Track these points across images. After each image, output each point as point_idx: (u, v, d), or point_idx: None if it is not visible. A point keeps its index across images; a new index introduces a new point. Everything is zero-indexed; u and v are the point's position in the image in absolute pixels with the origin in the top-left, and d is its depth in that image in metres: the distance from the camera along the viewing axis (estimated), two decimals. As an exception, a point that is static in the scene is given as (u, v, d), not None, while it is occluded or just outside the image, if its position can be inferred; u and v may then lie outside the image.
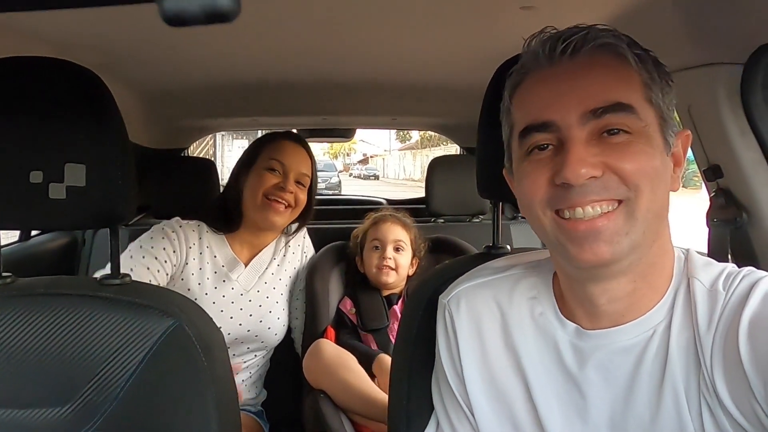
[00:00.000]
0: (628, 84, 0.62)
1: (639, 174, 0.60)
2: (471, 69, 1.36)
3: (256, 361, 1.57)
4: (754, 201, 0.92)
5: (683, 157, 0.67)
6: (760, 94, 0.89)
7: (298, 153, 1.52)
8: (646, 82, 0.63)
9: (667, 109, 0.64)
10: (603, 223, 0.60)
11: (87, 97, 0.78)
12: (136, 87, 1.62)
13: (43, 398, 0.77)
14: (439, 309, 0.80)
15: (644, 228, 0.61)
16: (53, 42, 1.11)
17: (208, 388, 0.78)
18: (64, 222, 0.83)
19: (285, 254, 1.62)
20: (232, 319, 1.47)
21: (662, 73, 0.65)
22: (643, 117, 0.61)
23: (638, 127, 0.61)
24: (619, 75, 0.62)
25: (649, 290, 0.65)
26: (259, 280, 1.54)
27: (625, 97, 0.61)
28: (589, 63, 0.62)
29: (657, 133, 0.63)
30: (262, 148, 1.52)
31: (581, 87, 0.61)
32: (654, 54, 0.65)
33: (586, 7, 0.96)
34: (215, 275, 1.48)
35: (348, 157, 42.12)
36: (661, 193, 0.62)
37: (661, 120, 0.63)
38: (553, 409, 0.68)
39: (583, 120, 0.61)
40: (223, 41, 1.18)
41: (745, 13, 0.79)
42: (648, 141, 0.61)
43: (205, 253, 1.48)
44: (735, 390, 0.58)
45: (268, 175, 1.48)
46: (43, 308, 0.79)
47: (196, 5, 0.24)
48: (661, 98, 0.64)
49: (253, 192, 1.48)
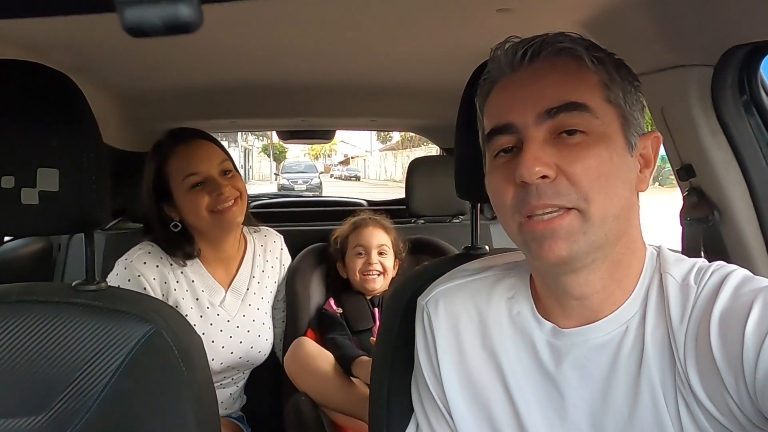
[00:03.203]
0: (584, 85, 0.64)
1: (590, 178, 0.61)
2: (449, 70, 1.37)
3: (244, 375, 1.55)
4: (725, 199, 0.95)
5: (654, 159, 0.67)
6: (730, 95, 0.91)
7: (205, 150, 1.38)
8: (605, 82, 0.64)
9: (629, 109, 0.65)
10: (559, 223, 0.61)
11: (59, 100, 0.77)
12: (111, 89, 1.60)
13: (16, 407, 0.75)
14: (418, 311, 0.80)
15: (603, 230, 0.62)
16: (23, 44, 1.08)
17: (187, 393, 0.77)
18: (38, 227, 0.81)
19: (264, 270, 1.58)
20: (224, 349, 1.42)
21: (625, 74, 0.66)
22: (600, 116, 0.63)
23: (594, 127, 0.62)
24: (576, 77, 0.64)
25: (618, 287, 0.66)
26: (243, 303, 1.49)
27: (580, 97, 0.63)
28: (548, 67, 0.65)
29: (617, 133, 0.63)
30: (166, 168, 1.36)
31: (539, 89, 0.64)
32: (618, 57, 0.67)
33: (561, 11, 0.97)
34: (197, 303, 1.41)
35: (329, 158, 42.03)
36: (620, 195, 0.62)
37: (623, 120, 0.64)
38: (532, 409, 0.69)
39: (539, 120, 0.63)
40: (199, 43, 1.17)
41: (715, 16, 0.81)
42: (606, 141, 0.62)
43: (182, 282, 1.40)
44: (708, 383, 0.59)
45: (196, 195, 1.34)
46: (16, 316, 0.77)
47: (156, 17, 0.24)
48: (623, 98, 0.65)
49: (195, 216, 1.35)
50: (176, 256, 1.40)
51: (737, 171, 0.93)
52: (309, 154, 35.56)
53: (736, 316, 0.58)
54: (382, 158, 34.13)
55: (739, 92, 0.92)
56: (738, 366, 0.56)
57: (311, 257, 1.74)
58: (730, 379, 0.57)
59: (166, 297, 1.37)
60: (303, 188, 17.50)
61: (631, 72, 0.67)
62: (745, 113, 0.92)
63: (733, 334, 0.57)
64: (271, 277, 1.60)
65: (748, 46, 0.84)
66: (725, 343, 0.58)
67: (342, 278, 1.70)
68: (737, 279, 0.62)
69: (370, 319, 1.61)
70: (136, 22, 0.25)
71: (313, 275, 1.72)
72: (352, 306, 1.63)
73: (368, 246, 1.64)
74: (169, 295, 1.38)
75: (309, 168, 22.46)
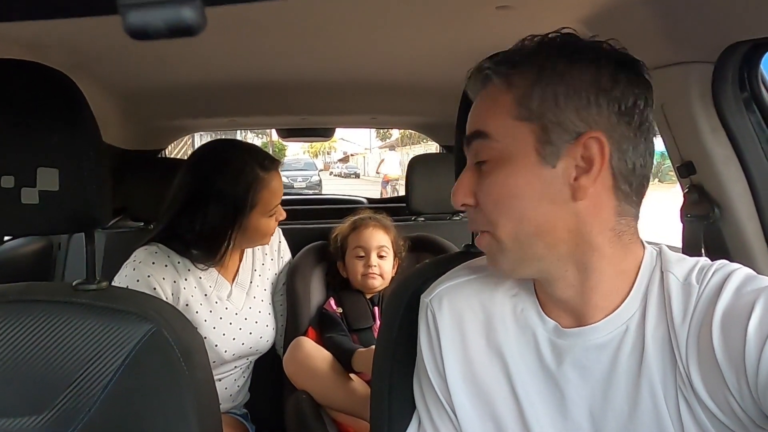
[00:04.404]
0: (492, 110, 0.66)
1: (491, 205, 0.65)
2: (448, 68, 1.37)
3: (249, 362, 1.57)
4: (725, 196, 0.94)
5: (594, 161, 0.61)
6: (731, 92, 0.91)
7: (280, 182, 1.45)
8: (518, 99, 0.63)
9: (555, 115, 0.62)
10: (481, 243, 0.68)
11: (59, 99, 0.77)
12: (110, 87, 1.59)
13: (18, 407, 0.75)
14: (421, 308, 0.80)
15: (523, 248, 0.64)
16: (22, 43, 1.08)
17: (188, 393, 0.77)
18: (38, 227, 0.81)
19: (263, 263, 1.60)
20: (235, 340, 1.45)
21: (559, 73, 0.62)
22: (501, 138, 0.64)
23: (494, 152, 0.64)
24: (488, 103, 0.67)
25: (595, 292, 0.65)
26: (248, 297, 1.52)
27: (483, 124, 0.66)
28: (482, 95, 0.68)
29: (527, 150, 0.62)
30: (259, 195, 1.39)
31: (469, 119, 0.69)
32: (543, 58, 0.63)
33: (560, 8, 0.97)
34: (206, 299, 1.43)
35: (328, 156, 41.98)
36: (531, 214, 0.63)
37: (540, 132, 0.62)
38: (535, 406, 0.69)
39: (467, 149, 0.68)
40: (200, 41, 1.16)
41: (716, 13, 0.81)
42: (508, 164, 0.63)
43: (190, 279, 1.41)
44: (709, 382, 0.59)
45: (272, 220, 1.45)
46: (16, 316, 0.77)
47: (160, 20, 0.24)
48: (546, 105, 0.62)
49: (261, 232, 1.44)
50: (202, 262, 1.41)
51: (738, 168, 0.93)
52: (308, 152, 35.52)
53: (738, 315, 0.58)
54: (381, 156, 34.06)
55: (739, 89, 0.91)
56: (740, 365, 0.56)
57: (311, 255, 1.74)
58: (732, 378, 0.57)
59: (176, 296, 1.38)
60: (303, 186, 17.49)
61: (574, 64, 0.62)
62: (745, 110, 0.92)
63: (736, 333, 0.57)
64: (271, 269, 1.62)
65: (749, 43, 0.84)
66: (727, 343, 0.58)
67: (342, 277, 1.70)
68: (739, 278, 0.61)
69: (369, 317, 1.61)
70: (139, 25, 0.25)
71: (313, 273, 1.72)
72: (352, 305, 1.63)
73: (368, 247, 1.63)
74: (180, 294, 1.39)
75: (308, 165, 22.41)
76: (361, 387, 1.46)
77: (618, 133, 0.62)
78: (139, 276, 1.34)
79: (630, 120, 0.63)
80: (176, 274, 1.39)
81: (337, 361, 1.49)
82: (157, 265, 1.37)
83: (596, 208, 0.63)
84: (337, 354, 1.50)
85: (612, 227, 0.64)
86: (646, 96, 0.64)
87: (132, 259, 1.38)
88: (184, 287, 1.39)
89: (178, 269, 1.40)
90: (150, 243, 1.41)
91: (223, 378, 1.49)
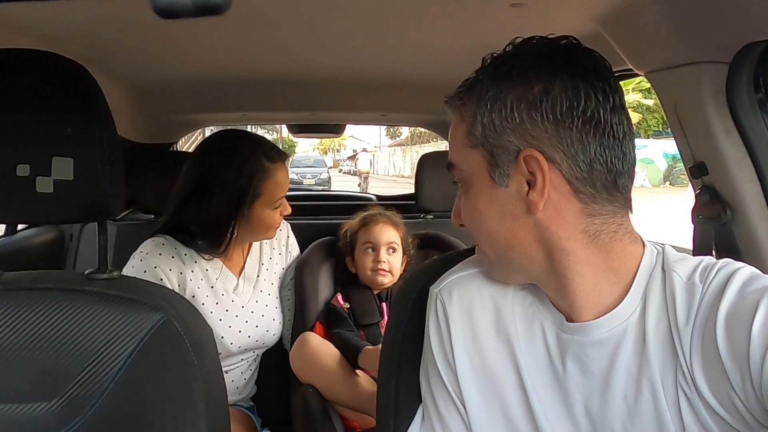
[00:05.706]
0: (454, 140, 0.71)
1: (470, 226, 0.72)
2: (461, 65, 1.36)
3: (256, 355, 1.58)
4: (738, 198, 0.94)
5: (537, 175, 0.63)
6: (745, 93, 0.90)
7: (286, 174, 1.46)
8: (468, 128, 0.68)
9: (496, 139, 0.65)
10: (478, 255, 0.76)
11: (75, 90, 0.78)
12: (125, 81, 1.61)
13: (29, 393, 0.76)
14: (430, 299, 0.81)
15: (504, 260, 0.70)
16: (40, 34, 1.09)
17: (197, 383, 0.78)
18: (52, 216, 0.82)
19: (271, 257, 1.61)
20: (241, 333, 1.46)
21: (493, 96, 0.65)
22: (464, 166, 0.69)
23: (462, 179, 0.71)
24: (452, 133, 0.72)
25: (590, 293, 0.66)
26: (255, 290, 1.53)
27: (451, 154, 0.72)
28: (451, 126, 0.73)
29: (482, 174, 0.67)
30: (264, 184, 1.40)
31: None
32: (484, 79, 0.67)
33: (574, 6, 0.96)
34: (213, 291, 1.44)
35: (338, 153, 42.03)
36: (498, 231, 0.68)
37: (489, 156, 0.66)
38: (541, 397, 0.69)
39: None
40: (212, 35, 1.18)
41: (730, 12, 0.80)
42: (471, 188, 0.69)
43: (197, 272, 1.42)
44: (713, 381, 0.59)
45: (276, 213, 1.45)
46: (29, 303, 0.78)
47: (187, -1, 0.24)
48: (487, 131, 0.65)
49: (265, 224, 1.44)
50: (206, 251, 1.42)
51: (750, 169, 0.92)
52: (318, 149, 35.58)
53: (742, 314, 0.58)
54: (391, 154, 34.05)
55: (754, 90, 0.91)
56: (744, 365, 0.56)
57: (320, 251, 1.75)
58: (737, 377, 0.57)
59: (182, 287, 1.39)
60: (312, 182, 17.52)
61: (502, 86, 0.64)
62: (759, 111, 0.91)
63: (740, 332, 0.57)
64: (279, 264, 1.63)
65: (764, 43, 0.83)
66: (731, 342, 0.58)
67: (350, 272, 1.70)
68: (743, 277, 0.61)
69: (377, 313, 1.61)
70: (167, 3, 0.25)
71: (322, 269, 1.72)
72: (360, 300, 1.64)
73: (377, 243, 1.63)
74: (186, 285, 1.40)
75: (318, 163, 22.46)
76: (367, 383, 1.46)
77: (560, 142, 0.62)
78: (147, 267, 1.36)
79: (570, 124, 0.62)
80: (182, 265, 1.40)
81: (343, 357, 1.49)
82: (164, 256, 1.38)
83: (559, 215, 0.64)
84: (344, 350, 1.50)
85: (582, 230, 0.64)
86: (588, 92, 0.62)
87: (140, 250, 1.39)
88: (190, 279, 1.40)
89: (185, 261, 1.41)
90: (157, 234, 1.42)
91: (230, 370, 1.50)
